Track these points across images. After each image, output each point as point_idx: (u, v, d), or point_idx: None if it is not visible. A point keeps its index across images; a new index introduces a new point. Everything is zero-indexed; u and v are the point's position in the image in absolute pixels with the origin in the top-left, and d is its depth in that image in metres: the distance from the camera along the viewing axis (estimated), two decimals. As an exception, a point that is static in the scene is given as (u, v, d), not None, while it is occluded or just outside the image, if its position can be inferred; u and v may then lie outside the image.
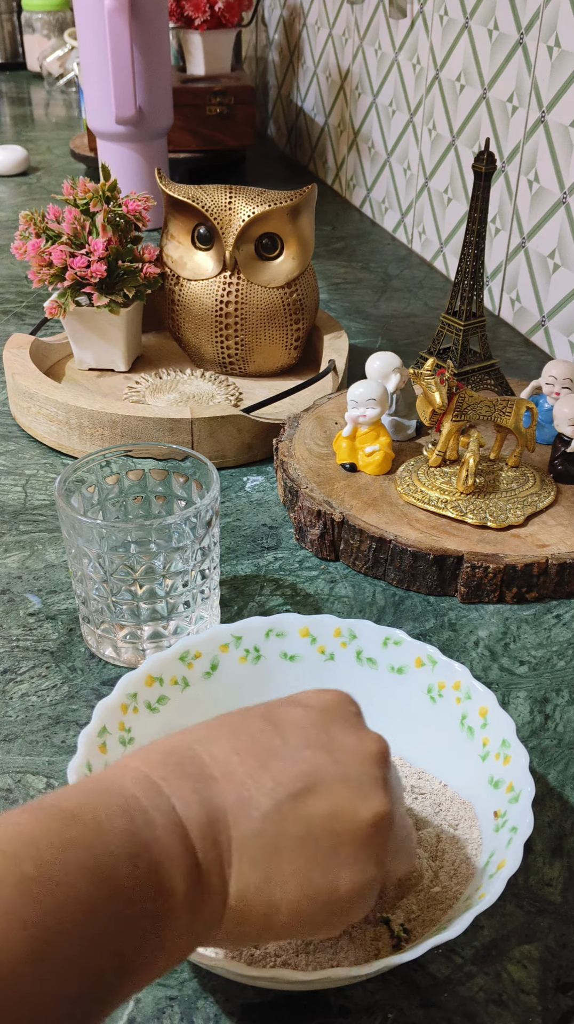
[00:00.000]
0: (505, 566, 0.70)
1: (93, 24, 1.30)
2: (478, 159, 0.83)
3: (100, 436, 0.86)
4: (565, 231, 1.06)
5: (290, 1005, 0.46)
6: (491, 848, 0.47)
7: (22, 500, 0.83)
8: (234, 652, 0.57)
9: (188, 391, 0.97)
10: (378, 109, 1.52)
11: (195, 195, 0.93)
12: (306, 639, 0.57)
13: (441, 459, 0.80)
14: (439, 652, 0.55)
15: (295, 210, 0.94)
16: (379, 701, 0.55)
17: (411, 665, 0.56)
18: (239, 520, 0.81)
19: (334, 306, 1.25)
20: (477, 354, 0.90)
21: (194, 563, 0.62)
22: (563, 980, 0.47)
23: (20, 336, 0.99)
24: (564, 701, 0.63)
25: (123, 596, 0.61)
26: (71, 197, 0.93)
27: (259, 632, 0.57)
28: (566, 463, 0.80)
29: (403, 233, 1.49)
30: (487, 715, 0.52)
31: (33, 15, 2.49)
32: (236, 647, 0.57)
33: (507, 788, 0.48)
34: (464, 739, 0.53)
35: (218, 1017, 0.45)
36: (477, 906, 0.42)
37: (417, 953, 0.40)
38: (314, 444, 0.84)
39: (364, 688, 0.55)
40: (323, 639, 0.57)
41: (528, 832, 0.45)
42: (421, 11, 1.33)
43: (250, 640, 0.57)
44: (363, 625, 0.57)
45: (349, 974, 0.40)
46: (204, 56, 1.71)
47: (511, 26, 1.12)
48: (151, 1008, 0.45)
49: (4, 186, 1.69)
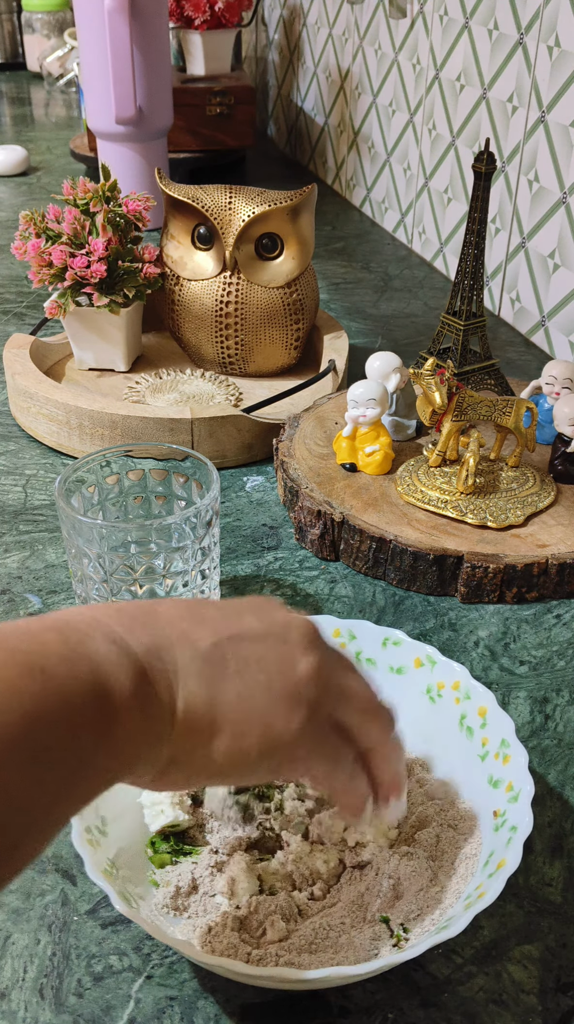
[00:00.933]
0: (505, 566, 0.70)
1: (93, 24, 1.30)
2: (478, 159, 0.83)
3: (100, 436, 0.86)
4: (565, 231, 1.06)
5: (290, 1005, 0.46)
6: (491, 847, 0.47)
7: (22, 500, 0.83)
8: None
9: (188, 391, 0.97)
10: (378, 109, 1.52)
11: (195, 195, 0.93)
12: None
13: (441, 459, 0.80)
14: (438, 652, 0.55)
15: (295, 210, 0.94)
16: None
17: (410, 665, 0.56)
18: (239, 520, 0.81)
19: (334, 306, 1.25)
20: (477, 354, 0.90)
21: (194, 563, 0.62)
22: (563, 980, 0.47)
23: (20, 336, 0.99)
24: (564, 701, 0.63)
25: (123, 596, 0.61)
26: (71, 197, 0.93)
27: None
28: (566, 463, 0.80)
29: (403, 233, 1.49)
30: (486, 715, 0.52)
31: (33, 15, 2.49)
32: None
33: (506, 787, 0.48)
34: (463, 739, 0.53)
35: (218, 1017, 0.45)
36: (476, 905, 0.42)
37: (417, 952, 0.40)
38: (314, 444, 0.84)
39: None
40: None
41: (527, 831, 0.45)
42: (421, 11, 1.33)
43: None
44: (362, 626, 0.57)
45: (349, 974, 0.40)
46: (204, 56, 1.71)
47: (511, 26, 1.12)
48: (151, 1008, 0.45)
49: (4, 186, 1.69)
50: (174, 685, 0.38)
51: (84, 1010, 0.45)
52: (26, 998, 0.46)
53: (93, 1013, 0.45)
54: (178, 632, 0.39)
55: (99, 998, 0.46)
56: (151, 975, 0.47)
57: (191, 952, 0.41)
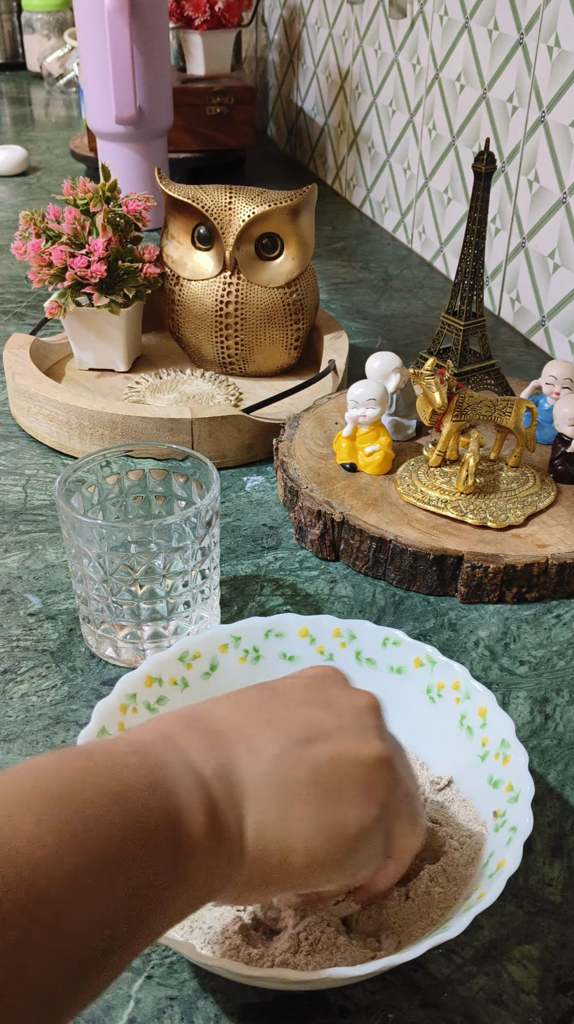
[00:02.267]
0: (505, 566, 0.70)
1: (93, 24, 1.30)
2: (478, 159, 0.83)
3: (100, 436, 0.86)
4: (565, 231, 1.06)
5: (290, 1005, 0.46)
6: (491, 848, 0.47)
7: (22, 500, 0.83)
8: (233, 653, 0.57)
9: (188, 391, 0.97)
10: (378, 109, 1.52)
11: (195, 195, 0.93)
12: (305, 639, 0.57)
13: (441, 459, 0.80)
14: (438, 652, 0.55)
15: (295, 210, 0.94)
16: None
17: (410, 665, 0.56)
18: (239, 520, 0.81)
19: (334, 306, 1.25)
20: (477, 354, 0.90)
21: (194, 563, 0.62)
22: (563, 980, 0.47)
23: (20, 336, 0.99)
24: (564, 701, 0.63)
25: (123, 596, 0.61)
26: (71, 197, 0.93)
27: (258, 632, 0.57)
28: (566, 463, 0.80)
29: (403, 233, 1.49)
30: (486, 715, 0.52)
31: (33, 15, 2.49)
32: (235, 647, 0.57)
33: (507, 788, 0.48)
34: (463, 739, 0.53)
35: (218, 1017, 0.45)
36: (477, 906, 0.42)
37: (417, 953, 0.40)
38: (314, 444, 0.84)
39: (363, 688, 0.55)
40: (322, 639, 0.57)
41: (528, 831, 0.45)
42: (421, 11, 1.33)
43: (249, 640, 0.57)
44: (362, 625, 0.57)
45: (349, 974, 0.40)
46: (204, 56, 1.71)
47: (511, 26, 1.12)
48: (151, 1008, 0.45)
49: (4, 186, 1.69)
50: (242, 811, 0.37)
51: (84, 1010, 0.45)
52: (26, 998, 0.46)
53: (93, 1013, 0.45)
54: (244, 745, 0.39)
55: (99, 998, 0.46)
56: (151, 975, 0.47)
57: (191, 953, 0.41)
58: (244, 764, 0.38)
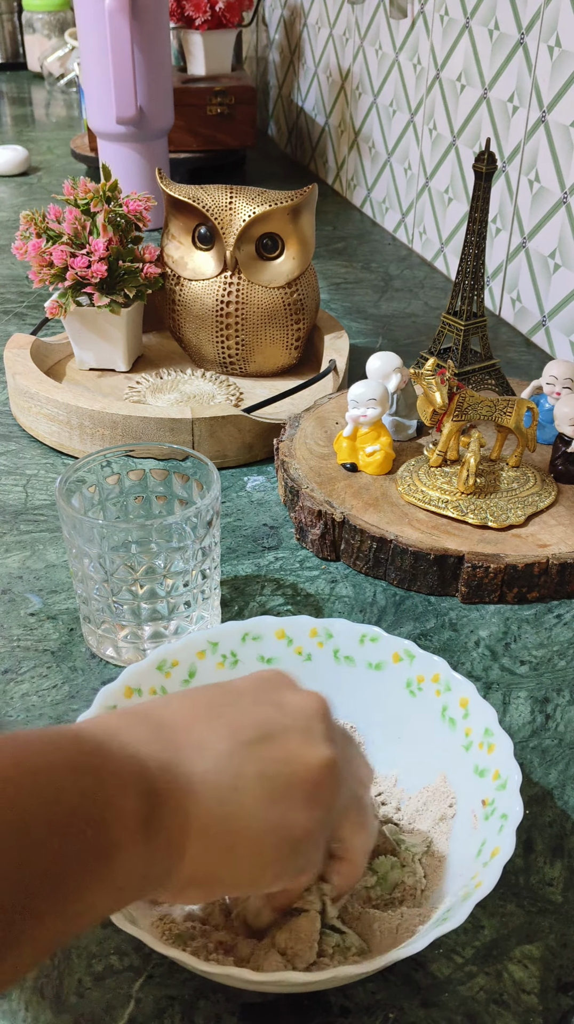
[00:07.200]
0: (506, 566, 0.70)
1: (94, 24, 1.30)
2: (479, 159, 0.83)
3: (101, 436, 0.86)
4: (565, 231, 1.06)
5: (290, 1005, 0.46)
6: (482, 837, 0.47)
7: (23, 500, 0.83)
8: (211, 658, 0.56)
9: (189, 391, 0.97)
10: (379, 109, 1.52)
11: (196, 195, 0.93)
12: (282, 641, 0.57)
13: (442, 459, 0.80)
14: (416, 646, 0.55)
15: (296, 210, 0.94)
16: (359, 698, 0.55)
17: (389, 661, 0.55)
18: (240, 520, 0.81)
19: (335, 306, 1.25)
20: (478, 354, 0.90)
21: (195, 563, 0.62)
22: (564, 980, 0.47)
23: (21, 336, 0.99)
24: (565, 701, 0.63)
25: (124, 596, 0.61)
26: (72, 197, 0.93)
27: (235, 637, 0.56)
28: (567, 463, 0.80)
29: (404, 233, 1.49)
30: (468, 705, 0.52)
31: (34, 15, 2.49)
32: (213, 653, 0.56)
33: (494, 776, 0.48)
34: (446, 730, 0.52)
35: (218, 1017, 0.45)
36: (475, 894, 0.42)
37: (419, 947, 0.40)
38: (315, 444, 0.84)
39: (343, 686, 0.55)
40: (299, 640, 0.57)
41: (519, 818, 0.45)
42: (422, 11, 1.33)
43: (226, 645, 0.56)
44: (339, 623, 0.56)
45: (350, 973, 0.40)
46: (205, 56, 1.71)
47: (512, 26, 1.12)
48: (151, 1008, 0.45)
49: (5, 186, 1.69)
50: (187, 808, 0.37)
51: (85, 1010, 0.45)
52: (27, 998, 0.46)
53: (94, 1013, 0.45)
54: (194, 741, 0.39)
55: (100, 998, 0.46)
56: (152, 975, 0.47)
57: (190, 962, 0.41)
58: (192, 759, 0.38)
